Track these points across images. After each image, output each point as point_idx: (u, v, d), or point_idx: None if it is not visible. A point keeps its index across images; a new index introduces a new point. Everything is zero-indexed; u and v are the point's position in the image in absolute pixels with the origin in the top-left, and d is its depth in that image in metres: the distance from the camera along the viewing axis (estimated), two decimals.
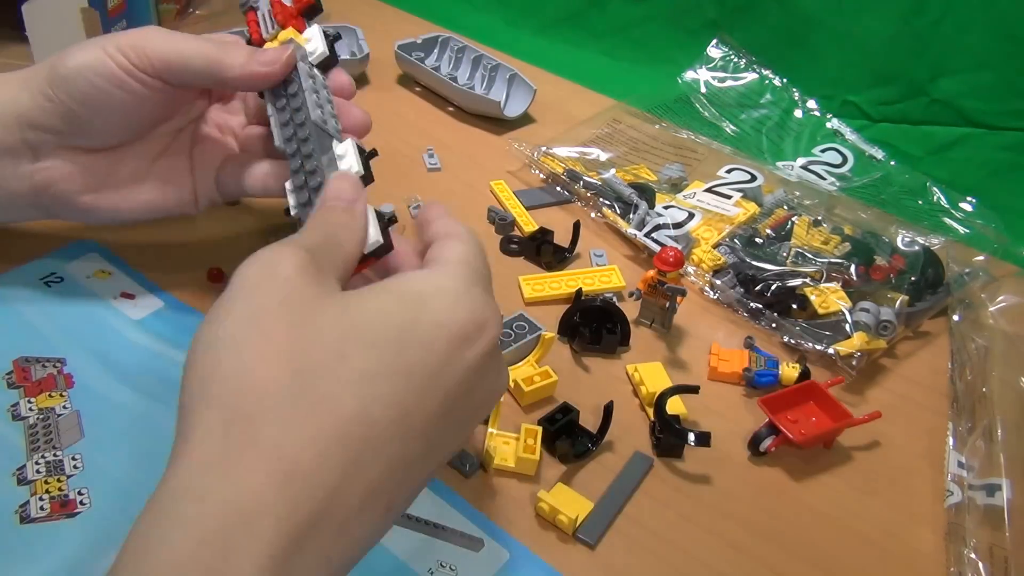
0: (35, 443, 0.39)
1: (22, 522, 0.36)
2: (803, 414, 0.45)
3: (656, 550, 0.39)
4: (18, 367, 0.43)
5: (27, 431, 0.40)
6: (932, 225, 0.62)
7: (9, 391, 0.42)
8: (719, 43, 0.80)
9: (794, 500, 0.43)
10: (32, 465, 0.38)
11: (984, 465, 0.42)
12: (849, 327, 0.51)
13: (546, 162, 0.66)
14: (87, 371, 0.43)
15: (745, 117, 0.76)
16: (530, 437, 0.42)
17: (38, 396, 0.42)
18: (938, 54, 0.71)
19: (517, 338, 0.48)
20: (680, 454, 0.44)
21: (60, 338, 0.45)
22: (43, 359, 0.44)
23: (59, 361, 0.44)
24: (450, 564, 0.36)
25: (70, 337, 0.45)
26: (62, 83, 0.41)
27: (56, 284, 0.49)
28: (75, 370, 0.43)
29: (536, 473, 0.42)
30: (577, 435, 0.43)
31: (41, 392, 0.42)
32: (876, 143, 0.73)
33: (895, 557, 0.41)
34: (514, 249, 0.58)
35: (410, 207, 0.61)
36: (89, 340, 0.45)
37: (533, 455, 0.41)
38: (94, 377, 0.43)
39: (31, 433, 0.40)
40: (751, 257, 0.56)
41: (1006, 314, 0.53)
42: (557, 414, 0.44)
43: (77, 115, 0.42)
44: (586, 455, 0.43)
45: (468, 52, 0.79)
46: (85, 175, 0.44)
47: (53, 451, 0.39)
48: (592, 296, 0.52)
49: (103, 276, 0.50)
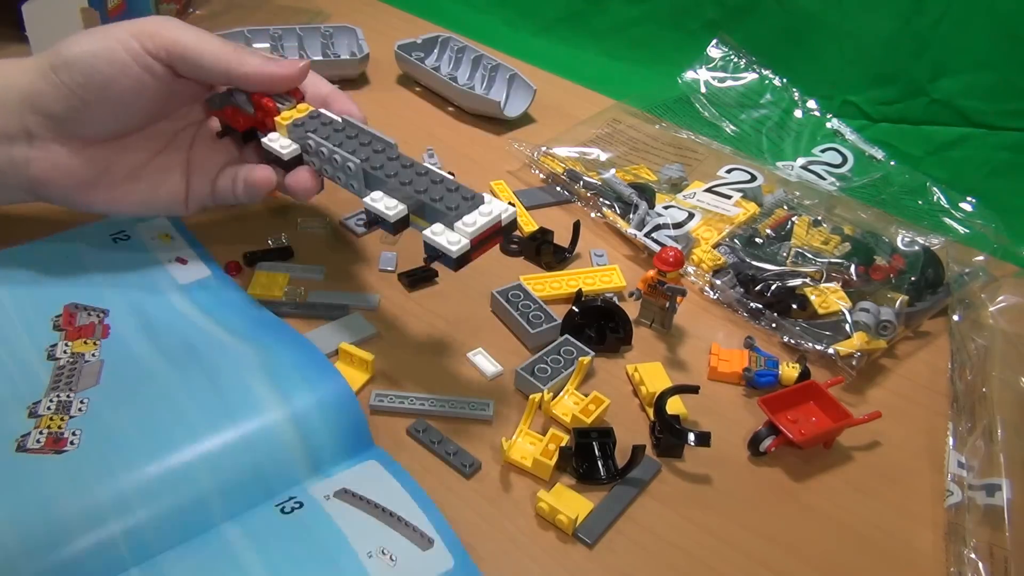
0: (56, 383, 0.42)
1: (17, 451, 0.37)
2: (803, 414, 0.45)
3: (655, 549, 0.39)
4: (67, 312, 0.46)
5: (54, 371, 0.42)
6: (932, 225, 0.62)
7: (52, 332, 0.45)
8: (719, 43, 0.80)
9: (794, 500, 0.43)
10: (46, 402, 0.40)
11: (984, 465, 0.42)
12: (849, 327, 0.51)
13: (546, 162, 0.66)
14: (124, 325, 0.46)
15: (745, 117, 0.76)
16: (553, 443, 0.42)
17: (75, 341, 0.44)
18: (938, 54, 0.71)
19: (566, 364, 0.47)
20: (680, 454, 0.44)
21: (109, 291, 0.48)
22: (90, 308, 0.46)
23: (103, 312, 0.46)
24: (391, 553, 0.36)
25: (118, 291, 0.48)
26: (68, 67, 0.42)
27: (123, 241, 0.52)
28: (113, 322, 0.46)
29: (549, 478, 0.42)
30: (604, 458, 0.42)
31: (79, 338, 0.44)
32: (876, 143, 0.73)
33: (895, 557, 0.40)
34: (514, 249, 0.58)
35: None
36: (134, 296, 0.48)
37: (550, 461, 0.41)
38: (128, 331, 0.45)
39: (56, 374, 0.42)
40: (751, 257, 0.56)
41: (1006, 314, 0.52)
42: (593, 431, 0.43)
43: (80, 100, 0.42)
44: (592, 482, 0.42)
45: (468, 52, 0.79)
46: (80, 171, 0.45)
47: (68, 392, 0.41)
48: (592, 296, 0.52)
49: (165, 240, 0.53)
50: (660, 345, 0.52)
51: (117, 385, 0.42)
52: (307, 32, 0.79)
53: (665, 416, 0.43)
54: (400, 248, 0.57)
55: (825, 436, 0.45)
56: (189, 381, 0.41)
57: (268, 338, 0.45)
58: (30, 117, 0.43)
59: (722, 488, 0.43)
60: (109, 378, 0.42)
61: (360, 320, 0.50)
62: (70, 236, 0.52)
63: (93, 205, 0.46)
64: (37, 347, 0.44)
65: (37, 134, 0.43)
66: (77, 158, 0.44)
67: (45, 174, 0.44)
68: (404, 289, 0.54)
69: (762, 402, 0.45)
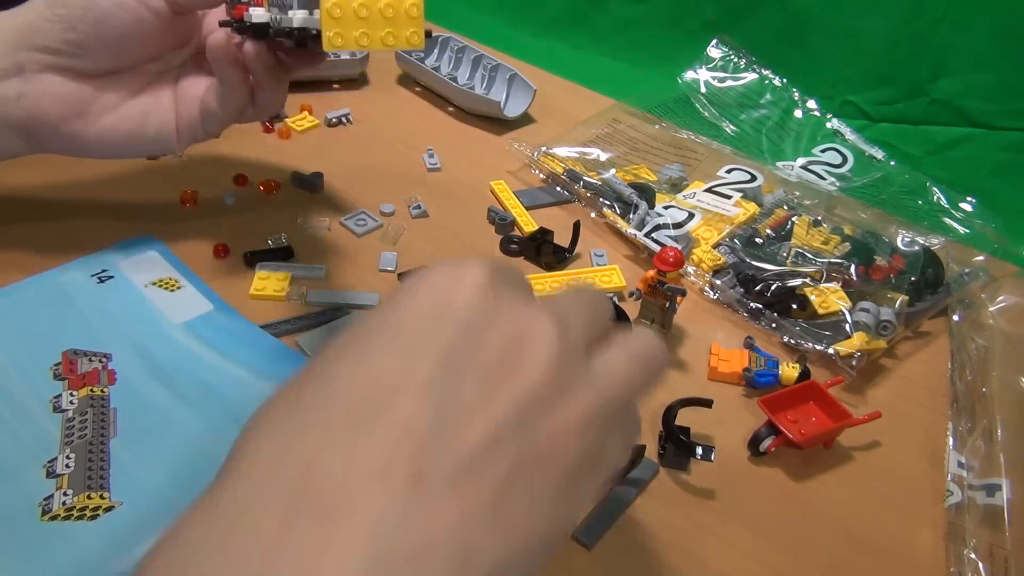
0: (69, 436, 0.39)
1: (44, 517, 0.35)
2: (803, 414, 0.45)
3: (654, 550, 0.39)
4: (66, 359, 0.43)
5: (64, 424, 0.40)
6: (932, 225, 0.62)
7: (54, 383, 0.42)
8: (719, 43, 0.80)
9: (794, 500, 0.43)
10: (63, 459, 0.38)
11: (984, 465, 0.42)
12: (849, 327, 0.51)
13: (546, 162, 0.66)
14: (130, 368, 0.44)
15: (745, 117, 0.76)
16: None
17: (80, 389, 0.42)
18: (938, 54, 0.72)
19: None
20: (686, 467, 0.43)
21: (108, 333, 0.46)
22: (91, 353, 0.44)
23: (105, 356, 0.44)
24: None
25: (117, 333, 0.46)
26: (66, 1, 0.42)
27: (108, 281, 0.49)
28: (119, 366, 0.44)
29: None
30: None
31: (84, 386, 0.42)
32: (876, 143, 0.73)
33: (895, 557, 0.40)
34: (514, 249, 0.58)
35: (410, 207, 0.61)
36: (135, 337, 0.46)
37: None
38: (136, 375, 0.43)
39: (67, 426, 0.40)
40: (751, 257, 0.56)
41: (1006, 314, 0.53)
42: None
43: (78, 33, 0.42)
44: None
45: (468, 52, 0.79)
46: (72, 99, 0.45)
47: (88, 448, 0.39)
48: None
49: (160, 284, 0.50)
50: None
51: (135, 433, 0.40)
52: None
53: (673, 428, 0.43)
54: (400, 248, 0.57)
55: (825, 436, 0.45)
56: (213, 424, 0.40)
57: (284, 370, 0.44)
58: (23, 53, 0.43)
59: (722, 488, 0.43)
60: (125, 426, 0.40)
61: None
62: (51, 276, 0.49)
63: (83, 139, 0.46)
64: (40, 399, 0.41)
65: (29, 68, 0.43)
66: (68, 87, 0.44)
67: (35, 104, 0.44)
68: None
69: (762, 402, 0.45)
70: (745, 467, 0.44)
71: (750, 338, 0.52)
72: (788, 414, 0.45)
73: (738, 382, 0.49)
